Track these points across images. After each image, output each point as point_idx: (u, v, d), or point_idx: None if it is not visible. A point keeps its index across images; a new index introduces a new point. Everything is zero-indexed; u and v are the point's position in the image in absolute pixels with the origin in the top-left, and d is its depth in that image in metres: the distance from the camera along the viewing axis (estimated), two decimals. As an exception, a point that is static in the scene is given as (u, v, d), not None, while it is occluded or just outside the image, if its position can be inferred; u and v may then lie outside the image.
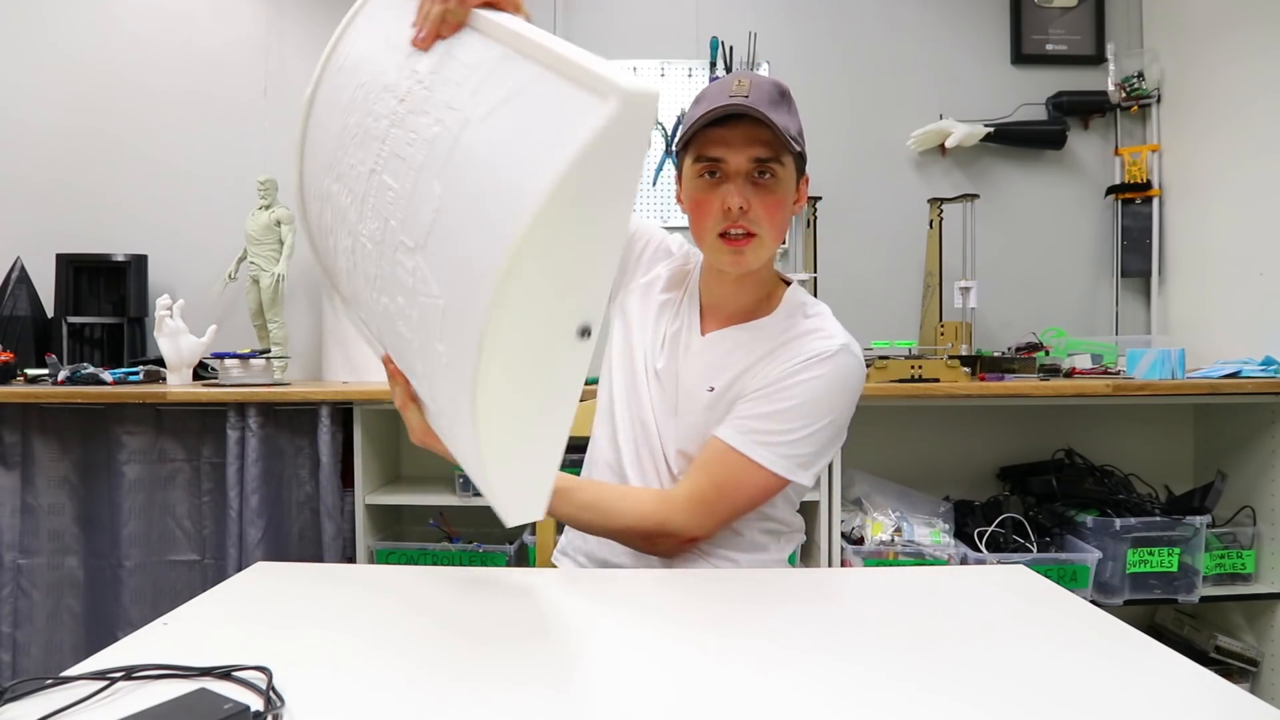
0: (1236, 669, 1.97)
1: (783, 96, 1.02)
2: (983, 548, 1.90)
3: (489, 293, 0.59)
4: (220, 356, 2.08)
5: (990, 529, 1.93)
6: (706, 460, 1.02)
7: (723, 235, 1.00)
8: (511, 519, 0.71)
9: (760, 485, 1.00)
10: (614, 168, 0.61)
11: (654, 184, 2.47)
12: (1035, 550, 1.88)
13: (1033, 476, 2.16)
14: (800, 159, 1.04)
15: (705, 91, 1.05)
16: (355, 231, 0.76)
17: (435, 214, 0.65)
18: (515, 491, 0.71)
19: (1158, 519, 1.88)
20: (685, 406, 1.08)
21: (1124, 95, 2.42)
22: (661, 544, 1.03)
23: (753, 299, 1.09)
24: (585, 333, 0.66)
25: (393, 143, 0.71)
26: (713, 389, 1.05)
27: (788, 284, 1.13)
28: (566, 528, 1.19)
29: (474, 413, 0.64)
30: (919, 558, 1.86)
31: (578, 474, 1.17)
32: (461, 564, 1.90)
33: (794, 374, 1.00)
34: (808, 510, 1.97)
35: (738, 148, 0.99)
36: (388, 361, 0.82)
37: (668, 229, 1.27)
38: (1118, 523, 1.85)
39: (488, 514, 2.27)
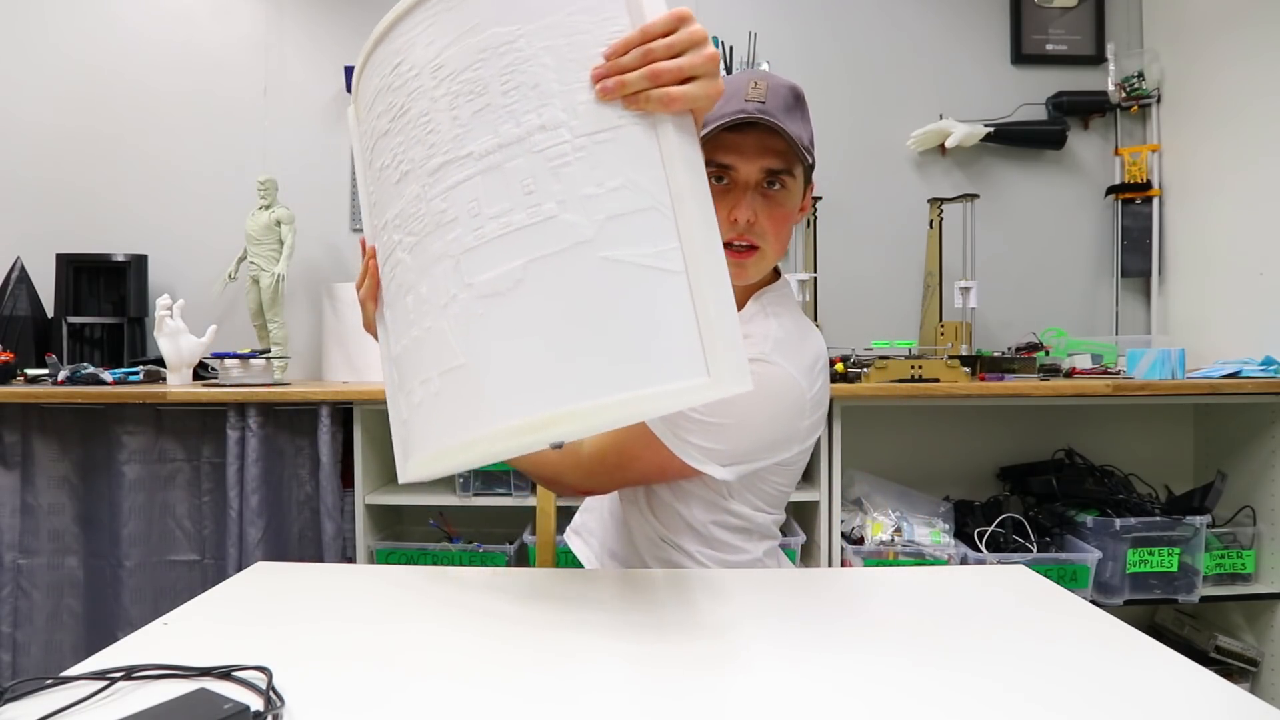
0: (1236, 669, 1.97)
1: (798, 101, 0.99)
2: (983, 548, 1.90)
3: (492, 429, 0.62)
4: (220, 356, 2.08)
5: (990, 529, 1.93)
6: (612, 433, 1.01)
7: (725, 245, 0.98)
8: (404, 480, 0.78)
9: (657, 462, 0.96)
10: (668, 407, 0.62)
11: None
12: (1035, 550, 1.89)
13: (1033, 476, 2.16)
14: (809, 168, 1.01)
15: None
16: (416, 170, 0.71)
17: (504, 289, 0.64)
18: (419, 472, 0.76)
19: (1158, 519, 1.88)
20: None
21: (1124, 95, 2.42)
22: (559, 490, 1.09)
23: (738, 299, 1.07)
24: (557, 446, 0.68)
25: (510, 158, 0.65)
26: None
27: (778, 276, 1.10)
28: (580, 509, 1.22)
29: (420, 459, 0.68)
30: (919, 558, 1.86)
31: None
32: (461, 564, 1.90)
33: None
34: (808, 510, 1.97)
35: (750, 157, 0.95)
36: (368, 253, 0.84)
37: None
38: (1118, 523, 1.85)
39: (488, 514, 2.26)
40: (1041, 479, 2.12)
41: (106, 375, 1.99)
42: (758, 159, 0.95)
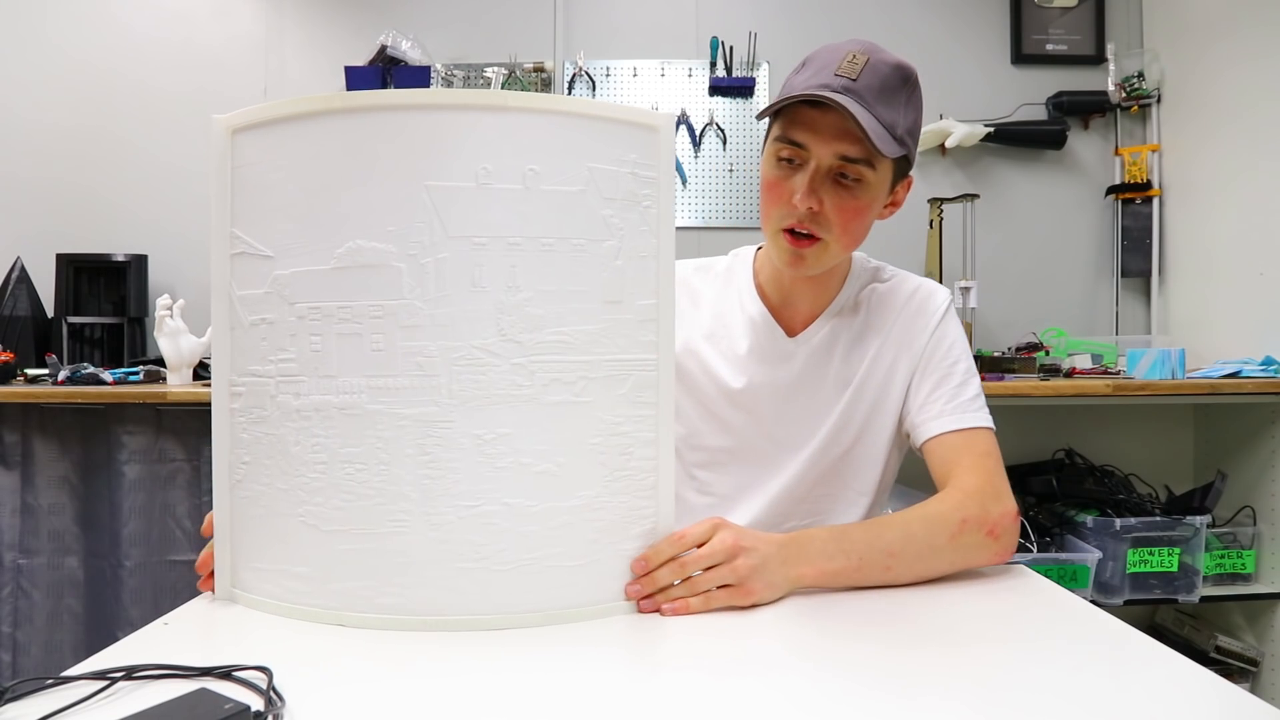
0: (1237, 669, 1.97)
1: (904, 83, 0.90)
2: (983, 548, 1.90)
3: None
4: (220, 356, 2.07)
5: (990, 529, 1.93)
6: (960, 454, 0.94)
7: (787, 230, 0.92)
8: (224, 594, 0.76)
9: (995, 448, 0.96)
10: None
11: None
12: (1035, 550, 1.88)
13: (1033, 476, 2.16)
14: (904, 161, 0.93)
15: (816, 54, 0.92)
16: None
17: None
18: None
19: (1158, 519, 1.88)
20: (811, 423, 1.01)
21: (1124, 95, 2.42)
22: (1003, 540, 0.87)
23: (829, 289, 1.03)
24: None
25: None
26: (850, 385, 1.01)
27: None
28: None
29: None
30: (919, 558, 1.85)
31: None
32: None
33: (943, 337, 1.00)
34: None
35: (826, 139, 0.87)
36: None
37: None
38: (1118, 523, 1.85)
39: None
40: (1041, 479, 2.11)
41: (106, 375, 1.99)
42: (833, 142, 0.87)
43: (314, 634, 0.69)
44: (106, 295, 2.37)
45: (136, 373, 2.08)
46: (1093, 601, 0.97)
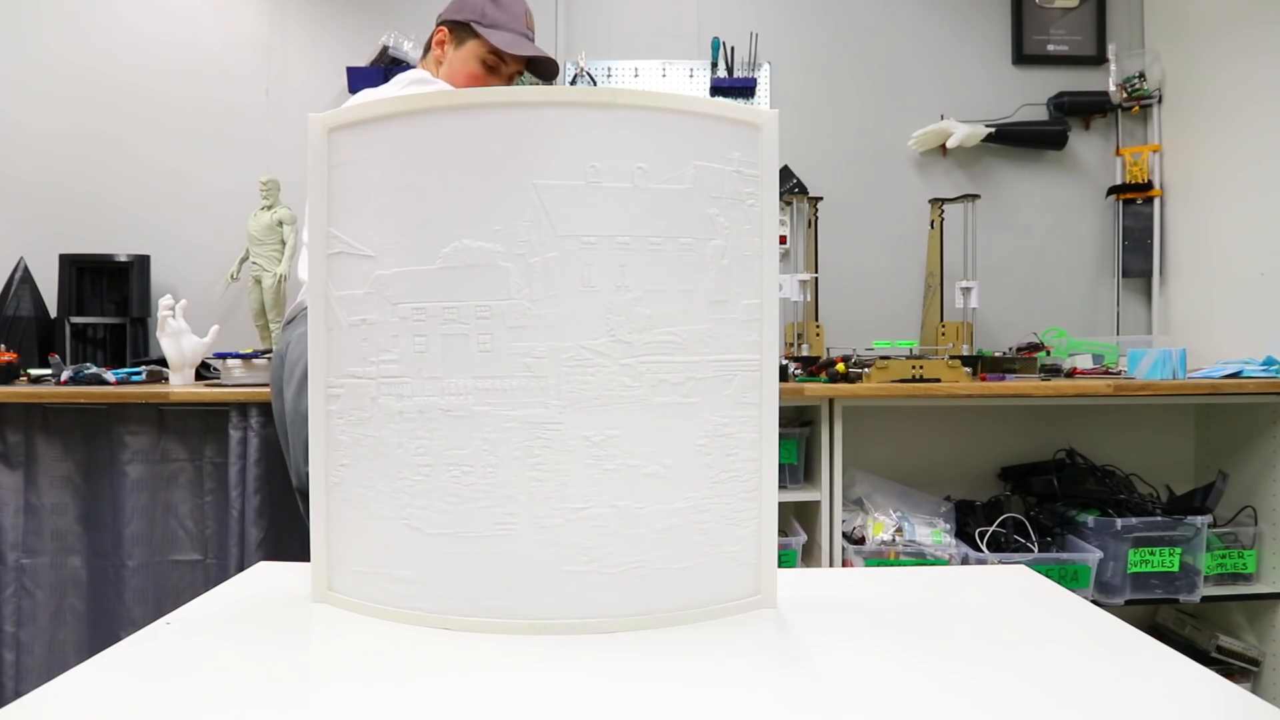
0: (1238, 669, 1.97)
1: None
2: (984, 548, 1.90)
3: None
4: (223, 356, 2.08)
5: (991, 529, 1.93)
6: None
7: None
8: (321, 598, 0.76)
9: None
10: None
11: None
12: (1036, 550, 1.89)
13: (1034, 476, 2.16)
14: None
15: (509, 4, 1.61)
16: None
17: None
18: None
19: (1159, 519, 1.88)
20: None
21: (1125, 95, 2.42)
22: None
23: None
24: None
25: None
26: None
27: None
28: None
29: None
30: (920, 558, 1.86)
31: None
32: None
33: None
34: (809, 510, 1.98)
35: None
36: None
37: None
38: (1119, 523, 1.85)
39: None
40: (1042, 479, 2.12)
41: (109, 375, 2.00)
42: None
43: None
44: (109, 296, 2.37)
45: (139, 373, 2.09)
46: (1094, 601, 0.98)
